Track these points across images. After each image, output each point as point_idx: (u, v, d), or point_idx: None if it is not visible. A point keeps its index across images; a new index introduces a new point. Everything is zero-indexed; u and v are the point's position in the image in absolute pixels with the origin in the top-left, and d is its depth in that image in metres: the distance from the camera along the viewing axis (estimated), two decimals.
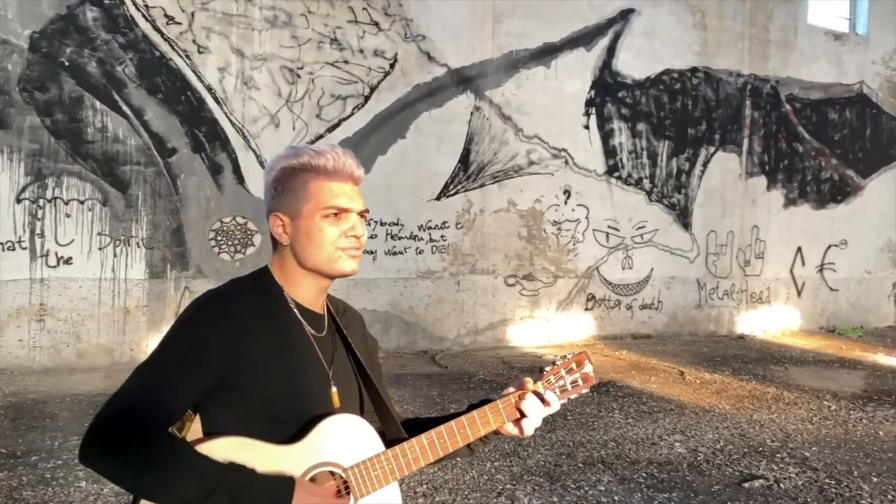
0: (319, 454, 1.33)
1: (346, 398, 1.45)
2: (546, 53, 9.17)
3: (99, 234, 6.96)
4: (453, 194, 8.65)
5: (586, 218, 9.48)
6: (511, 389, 1.51)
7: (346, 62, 7.98)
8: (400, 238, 8.36)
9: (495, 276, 8.93)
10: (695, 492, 4.02)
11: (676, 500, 3.87)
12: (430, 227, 8.52)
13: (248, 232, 7.55)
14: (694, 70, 10.29)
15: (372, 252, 8.19)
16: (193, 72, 7.25)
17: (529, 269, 9.14)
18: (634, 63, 9.80)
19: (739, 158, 10.75)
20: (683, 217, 10.28)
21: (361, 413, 1.49)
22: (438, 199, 8.56)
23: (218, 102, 7.37)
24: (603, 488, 4.04)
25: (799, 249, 11.44)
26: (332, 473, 1.35)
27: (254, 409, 1.31)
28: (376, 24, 8.13)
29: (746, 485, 4.12)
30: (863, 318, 12.12)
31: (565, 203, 9.32)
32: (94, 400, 5.60)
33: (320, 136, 7.85)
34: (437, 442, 1.44)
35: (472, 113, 8.72)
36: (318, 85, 7.84)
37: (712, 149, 10.48)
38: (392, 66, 8.24)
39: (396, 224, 8.34)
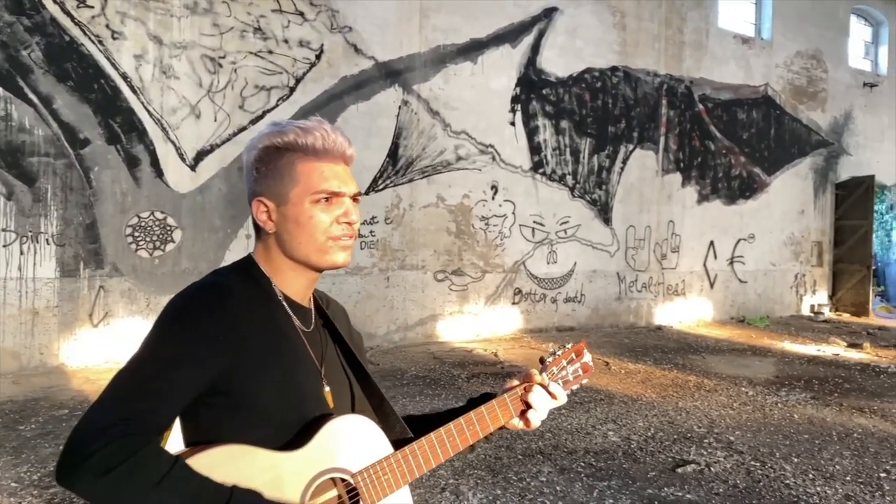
0: (325, 460, 1.22)
1: (338, 398, 1.33)
2: (473, 49, 9.20)
3: (3, 230, 6.48)
4: (382, 189, 8.56)
5: (513, 213, 9.58)
6: (515, 382, 1.45)
7: (270, 52, 7.75)
8: None
9: (425, 271, 8.89)
10: (632, 479, 4.12)
11: (616, 488, 3.95)
12: None
13: (168, 228, 7.21)
14: (614, 69, 10.58)
15: None
16: (107, 59, 6.85)
17: (458, 265, 9.16)
18: (558, 61, 9.98)
19: (656, 156, 11.13)
20: (604, 212, 10.56)
21: (363, 411, 1.39)
22: (367, 193, 8.44)
23: (134, 91, 7.00)
24: (544, 479, 4.08)
25: (711, 243, 11.97)
26: (341, 480, 1.24)
27: (248, 414, 1.18)
28: (301, 13, 7.94)
29: (680, 470, 4.25)
30: (769, 308, 12.81)
31: (493, 198, 9.39)
32: (1, 408, 5.21)
33: (243, 128, 7.59)
34: (446, 440, 1.35)
35: (400, 107, 8.65)
36: (241, 75, 7.58)
37: (631, 146, 10.81)
38: (318, 57, 8.06)
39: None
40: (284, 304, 1.28)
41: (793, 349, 9.40)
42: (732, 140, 12.16)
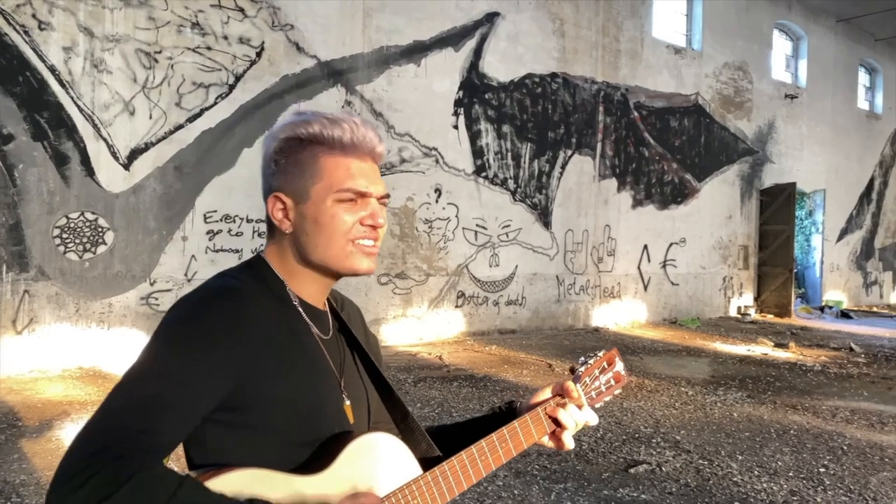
0: (350, 484, 1.09)
1: (358, 412, 1.21)
2: (416, 51, 9.16)
3: None
4: None
5: (456, 216, 9.58)
6: (547, 393, 1.36)
7: (208, 48, 7.49)
8: None
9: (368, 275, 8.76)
10: (587, 480, 4.15)
11: (572, 490, 3.97)
12: None
13: (99, 229, 6.86)
14: (553, 75, 10.73)
15: (238, 251, 7.75)
16: (34, 50, 6.47)
17: (402, 268, 9.08)
18: (500, 66, 10.04)
19: (593, 161, 11.35)
20: (544, 216, 10.69)
21: (382, 425, 1.29)
22: None
23: (63, 86, 6.63)
24: (501, 483, 4.06)
25: (645, 247, 12.29)
26: None
27: (262, 433, 1.06)
28: (241, 10, 7.71)
29: (632, 470, 4.31)
30: (699, 310, 13.25)
31: (436, 201, 9.37)
32: None
33: (180, 126, 7.31)
34: (478, 460, 1.23)
35: (343, 107, 8.51)
36: (177, 71, 7.30)
37: (570, 151, 10.98)
38: (259, 54, 7.85)
39: (264, 221, 7.91)
40: (300, 309, 1.16)
41: (725, 349, 9.73)
42: (665, 147, 12.53)
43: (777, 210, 14.24)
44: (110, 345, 6.88)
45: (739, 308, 14.09)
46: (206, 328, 1.02)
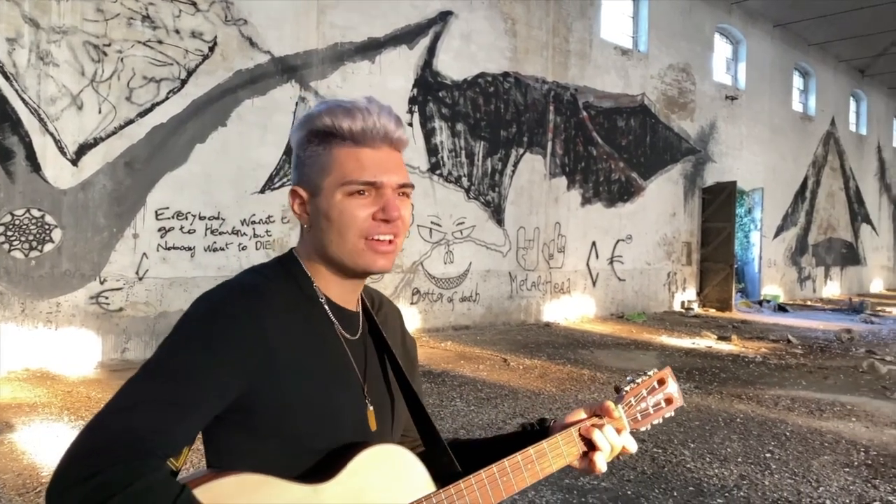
0: (356, 496, 1.03)
1: (381, 419, 1.16)
2: (370, 48, 9.16)
3: None
4: (279, 187, 8.33)
5: (412, 214, 9.60)
6: (583, 413, 1.27)
7: (160, 42, 7.34)
8: (221, 233, 7.88)
9: None
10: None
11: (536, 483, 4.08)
12: (253, 222, 8.13)
13: (46, 227, 6.66)
14: (506, 74, 10.88)
15: (190, 248, 7.63)
16: None
17: None
18: (453, 64, 10.13)
19: (544, 160, 11.55)
20: (497, 214, 10.83)
21: (406, 433, 1.26)
22: (262, 191, 8.19)
23: (7, 78, 6.41)
24: None
25: (593, 244, 12.57)
26: None
27: (275, 436, 1.02)
28: (194, 3, 7.58)
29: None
30: (645, 305, 13.63)
31: None
32: None
33: (131, 121, 7.15)
34: (499, 481, 1.14)
35: (297, 103, 8.46)
36: (128, 65, 7.13)
37: (521, 150, 11.15)
38: (211, 49, 7.73)
39: (217, 218, 7.84)
40: (327, 307, 1.11)
41: (671, 343, 10.05)
42: (612, 146, 12.83)
43: (718, 208, 14.75)
44: (58, 345, 6.70)
45: (683, 303, 14.55)
46: (220, 327, 0.98)
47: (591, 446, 1.22)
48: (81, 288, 6.89)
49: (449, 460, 1.16)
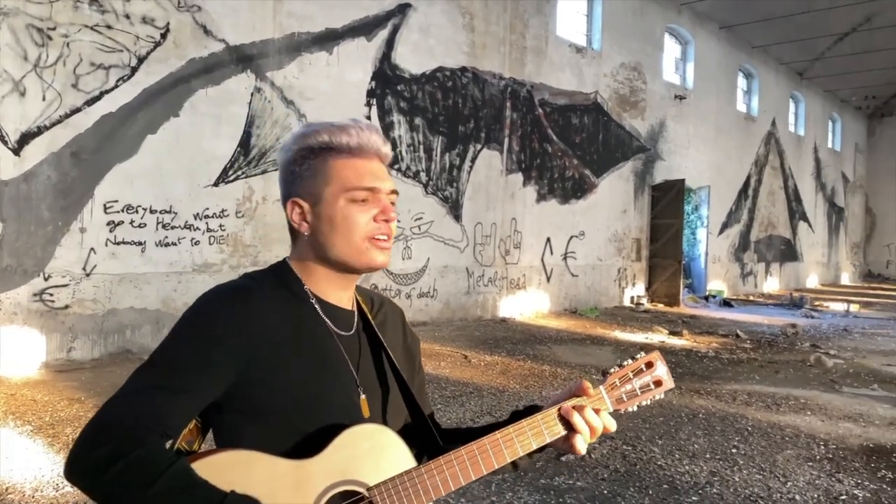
0: (339, 471, 1.14)
1: (375, 406, 1.27)
2: (328, 39, 8.96)
3: None
4: (233, 180, 8.08)
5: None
6: (567, 394, 1.32)
7: (108, 27, 7.00)
8: (173, 227, 7.59)
9: None
10: (523, 469, 4.23)
11: (510, 481, 4.05)
12: (207, 216, 7.86)
13: None
14: (464, 69, 10.82)
15: (141, 243, 7.33)
16: None
17: None
18: (411, 58, 10.01)
19: (501, 156, 11.55)
20: (455, 209, 10.78)
21: (397, 423, 1.31)
22: (216, 184, 7.93)
23: None
24: None
25: (548, 240, 12.65)
26: (354, 492, 1.15)
27: (269, 420, 1.15)
28: None
29: (563, 458, 4.44)
30: (597, 300, 13.81)
31: None
32: None
33: (77, 110, 6.80)
34: (479, 457, 1.22)
35: (252, 94, 8.21)
36: (74, 50, 6.78)
37: (479, 146, 11.12)
38: (163, 36, 7.42)
39: (169, 212, 7.55)
40: (317, 307, 1.24)
41: (624, 338, 10.20)
42: (567, 143, 12.93)
43: (667, 205, 15.05)
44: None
45: (633, 298, 14.81)
46: (212, 321, 1.13)
47: (570, 427, 1.26)
48: (24, 284, 6.52)
49: (435, 442, 1.29)
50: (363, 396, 1.24)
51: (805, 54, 20.26)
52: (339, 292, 1.28)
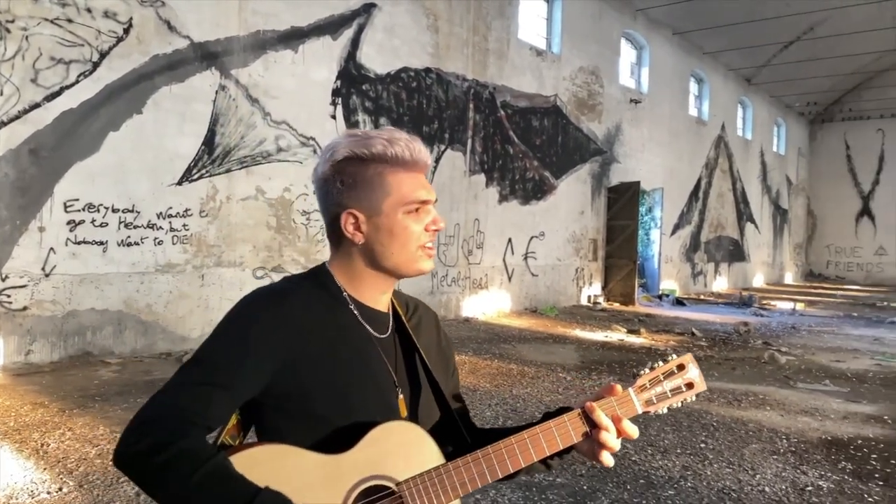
0: (371, 466, 1.19)
1: (413, 406, 1.33)
2: (294, 37, 8.89)
3: None
4: (197, 179, 7.94)
5: None
6: (592, 397, 1.34)
7: (69, 21, 6.81)
8: (136, 227, 7.42)
9: (243, 268, 8.43)
10: (556, 469, 4.30)
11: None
12: (170, 215, 7.71)
13: None
14: (428, 70, 10.86)
15: (102, 243, 7.15)
16: None
17: (279, 261, 8.81)
18: (377, 57, 10.00)
19: (465, 157, 11.63)
20: None
21: (430, 422, 1.35)
22: (180, 183, 7.79)
23: None
24: None
25: (509, 240, 12.79)
26: (383, 487, 1.20)
27: (306, 418, 1.21)
28: None
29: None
30: (555, 299, 14.02)
31: (314, 193, 9.13)
32: None
33: (37, 105, 6.60)
34: (506, 455, 1.26)
35: (217, 92, 8.09)
36: (33, 44, 6.57)
37: (443, 146, 11.18)
38: (126, 31, 7.25)
39: (131, 211, 7.39)
40: (355, 310, 1.29)
41: (585, 336, 10.40)
42: (528, 145, 13.09)
43: (623, 206, 15.37)
44: None
45: (590, 297, 15.08)
46: (249, 322, 1.19)
47: (594, 425, 1.27)
48: None
49: (463, 439, 1.34)
50: (401, 396, 1.29)
51: (753, 61, 20.93)
52: (378, 296, 1.32)
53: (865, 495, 3.99)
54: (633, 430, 1.30)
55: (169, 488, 1.06)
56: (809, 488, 4.07)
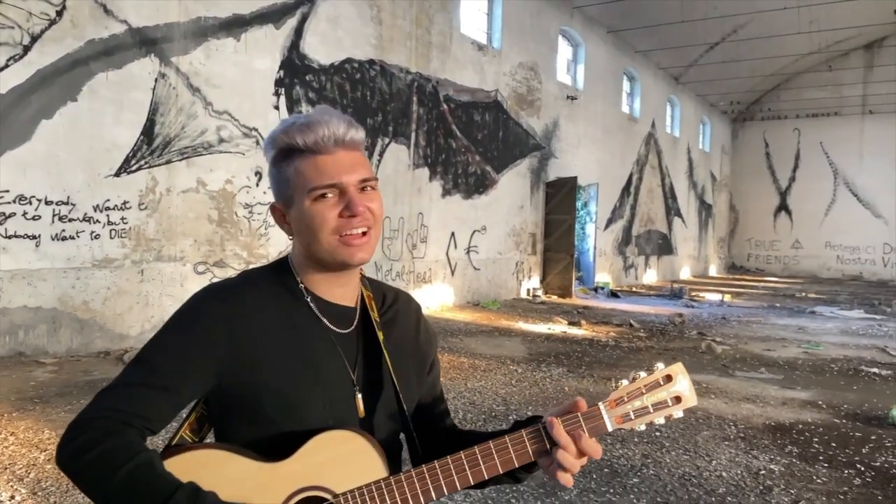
0: (309, 476, 1.14)
1: (370, 405, 1.25)
2: (235, 25, 8.63)
3: None
4: (135, 170, 7.63)
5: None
6: (557, 411, 1.20)
7: None
8: (71, 220, 7.07)
9: (184, 263, 8.15)
10: (524, 482, 4.32)
11: None
12: (108, 208, 7.38)
13: None
14: (371, 62, 10.75)
15: (35, 237, 6.78)
16: None
17: (221, 256, 8.56)
18: (320, 48, 9.83)
19: (408, 150, 11.59)
20: None
21: (393, 423, 1.29)
22: (118, 175, 7.46)
23: None
24: None
25: (452, 234, 12.84)
26: (320, 499, 1.14)
27: (254, 419, 1.17)
28: None
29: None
30: (497, 293, 14.17)
31: (257, 185, 8.94)
32: None
33: None
34: (454, 472, 1.15)
35: (156, 80, 7.78)
36: None
37: (387, 140, 11.10)
38: (59, 13, 6.88)
39: (66, 203, 7.03)
40: (311, 304, 1.23)
41: (529, 329, 10.55)
42: (470, 140, 13.16)
43: (560, 201, 15.65)
44: None
45: (529, 290, 15.31)
46: (195, 320, 1.16)
47: (554, 442, 1.16)
48: None
49: (413, 447, 1.28)
50: (359, 396, 1.24)
51: (680, 60, 21.65)
52: (336, 289, 1.26)
53: (814, 477, 4.20)
54: (594, 450, 1.16)
55: (97, 485, 1.05)
56: (763, 472, 4.26)
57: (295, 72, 9.47)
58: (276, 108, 9.21)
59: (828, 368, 7.95)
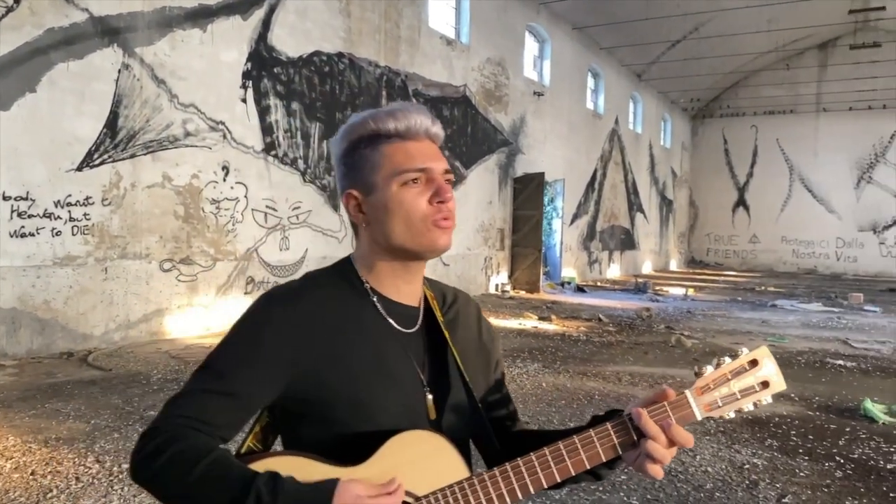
0: (384, 478, 1.09)
1: (441, 407, 1.21)
2: (201, 16, 8.40)
3: None
4: (98, 165, 7.36)
5: (245, 197, 9.03)
6: (643, 402, 1.18)
7: None
8: (31, 216, 6.79)
9: (149, 260, 7.91)
10: (606, 478, 4.26)
11: None
12: (69, 204, 7.11)
13: None
14: (340, 55, 10.59)
15: None
16: None
17: (187, 252, 8.33)
18: (288, 40, 9.64)
19: None
20: (333, 199, 10.55)
21: (465, 424, 1.24)
22: (80, 169, 7.19)
23: None
24: None
25: None
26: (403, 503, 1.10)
27: (326, 424, 1.15)
28: None
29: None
30: (466, 288, 13.99)
31: (224, 180, 8.73)
32: None
33: None
34: (538, 468, 1.12)
35: (120, 71, 7.52)
36: None
37: None
38: (17, 0, 6.59)
39: (26, 199, 6.75)
40: (378, 304, 1.21)
41: (501, 324, 10.53)
42: None
43: (528, 197, 15.69)
44: None
45: (497, 285, 15.32)
46: (261, 325, 1.14)
47: (642, 434, 1.11)
48: None
49: (491, 446, 1.24)
50: (430, 397, 1.21)
51: (643, 58, 21.90)
52: (402, 287, 1.23)
53: (797, 470, 4.25)
54: (685, 438, 1.12)
55: (174, 487, 1.04)
56: (747, 466, 4.29)
57: (263, 64, 9.27)
58: (244, 100, 9.00)
59: (795, 361, 8.10)
